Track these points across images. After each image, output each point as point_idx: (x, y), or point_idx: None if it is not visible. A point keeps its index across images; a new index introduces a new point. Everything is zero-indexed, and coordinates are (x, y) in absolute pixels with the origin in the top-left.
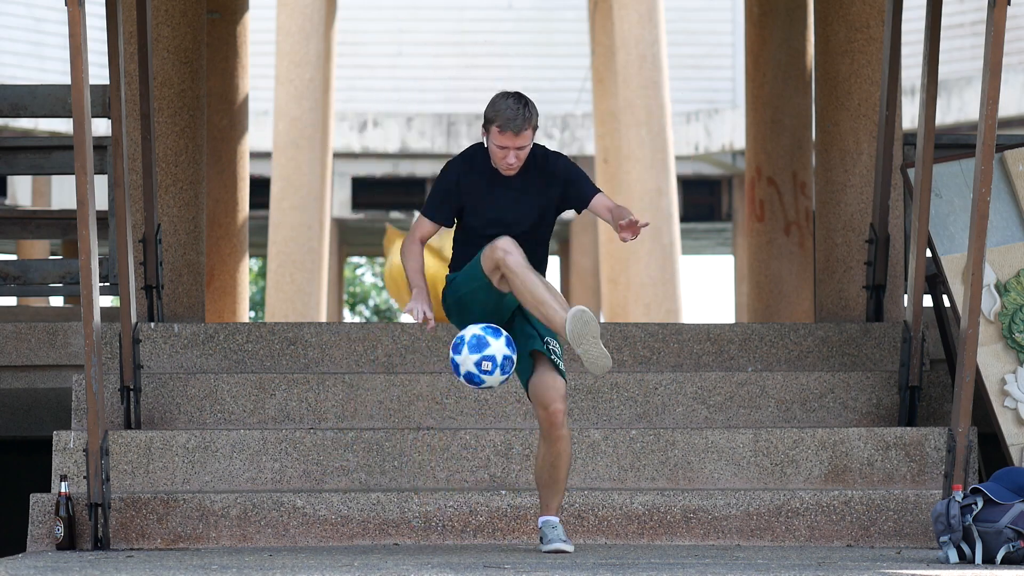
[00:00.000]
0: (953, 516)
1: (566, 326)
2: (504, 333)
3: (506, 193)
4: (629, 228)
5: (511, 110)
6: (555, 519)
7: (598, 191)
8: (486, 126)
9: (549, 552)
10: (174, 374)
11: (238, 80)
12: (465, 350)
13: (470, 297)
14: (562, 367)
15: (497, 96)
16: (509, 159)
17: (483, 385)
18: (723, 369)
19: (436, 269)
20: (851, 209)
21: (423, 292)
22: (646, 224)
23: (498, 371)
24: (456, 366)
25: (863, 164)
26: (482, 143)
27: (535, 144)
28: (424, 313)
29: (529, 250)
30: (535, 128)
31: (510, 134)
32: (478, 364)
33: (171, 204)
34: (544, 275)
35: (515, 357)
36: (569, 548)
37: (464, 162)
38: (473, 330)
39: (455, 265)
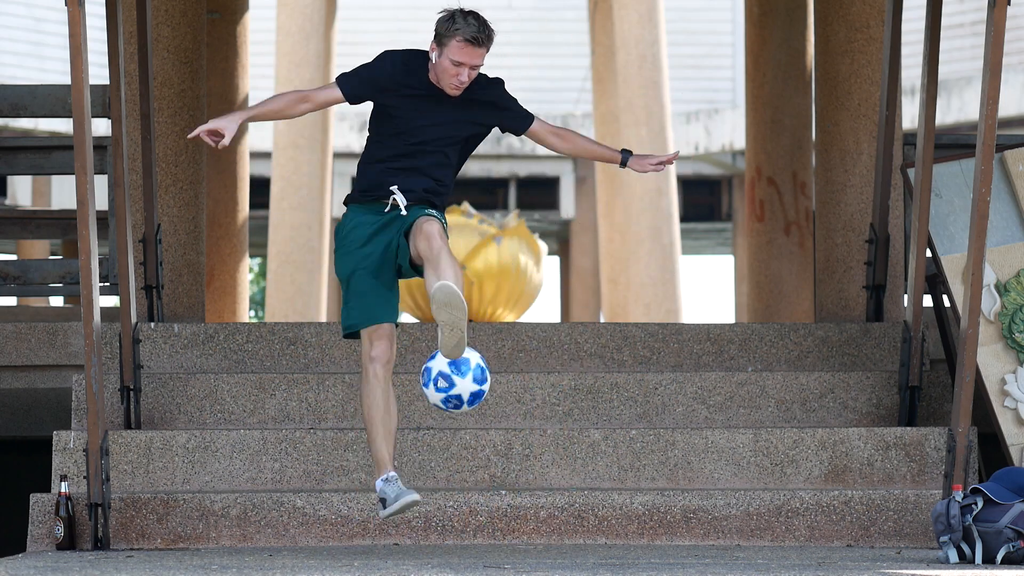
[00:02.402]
0: (953, 516)
1: (438, 286)
2: (473, 365)
3: (436, 109)
4: (662, 164)
5: (474, 25)
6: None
7: (533, 117)
8: (441, 39)
9: (401, 508)
10: (174, 374)
11: (238, 80)
12: (431, 388)
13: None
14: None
15: (453, 11)
16: (462, 76)
17: (451, 391)
18: (723, 369)
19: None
20: (851, 209)
21: (240, 117)
22: (676, 154)
23: (465, 406)
24: (427, 372)
25: (863, 164)
26: (422, 52)
27: None
28: (220, 129)
29: (439, 172)
30: (488, 50)
31: (470, 48)
32: (445, 402)
33: (171, 204)
34: (444, 202)
35: (486, 387)
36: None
37: (404, 62)
38: (439, 366)
39: (363, 181)
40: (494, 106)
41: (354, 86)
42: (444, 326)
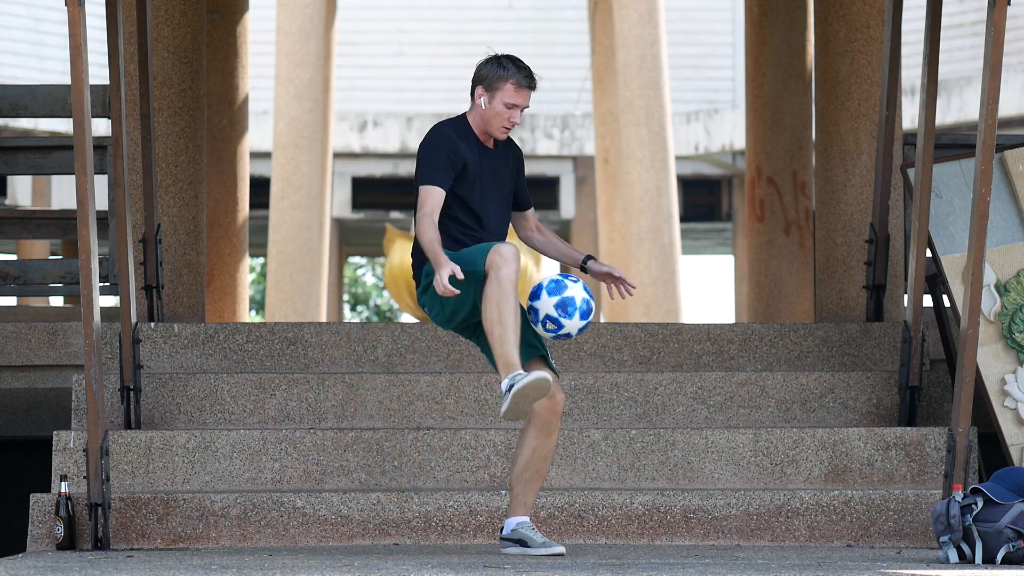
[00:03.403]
0: (953, 516)
1: (521, 379)
2: (581, 280)
3: (492, 166)
4: (618, 283)
5: (525, 69)
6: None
7: (531, 205)
8: (492, 84)
9: (546, 556)
10: (174, 374)
11: (238, 80)
12: (544, 294)
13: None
14: (554, 366)
15: (498, 57)
16: (515, 117)
17: (561, 331)
18: (723, 369)
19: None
20: (851, 209)
21: (444, 259)
22: (633, 288)
23: (577, 314)
24: (535, 312)
25: (863, 164)
26: (455, 119)
27: None
28: (453, 271)
29: (504, 227)
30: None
31: (525, 91)
32: (557, 306)
33: (171, 204)
34: None
35: (593, 303)
36: (562, 549)
37: (453, 130)
38: (550, 276)
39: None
40: (516, 159)
41: (448, 177)
42: (511, 406)
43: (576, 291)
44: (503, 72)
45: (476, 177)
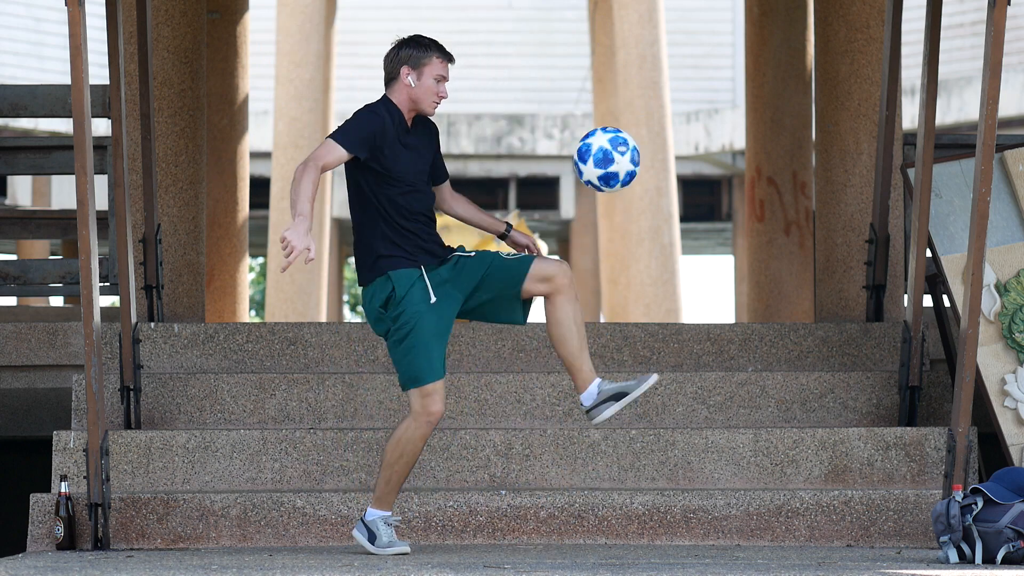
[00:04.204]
0: (953, 516)
1: (635, 386)
2: (630, 148)
3: (414, 140)
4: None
5: (440, 43)
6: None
7: (447, 178)
8: (418, 61)
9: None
10: (174, 374)
11: (238, 80)
12: (590, 163)
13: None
14: None
15: (409, 39)
16: (443, 91)
17: (606, 190)
18: (723, 369)
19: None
20: (851, 209)
21: (307, 221)
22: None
23: (619, 185)
24: (579, 172)
25: (863, 164)
26: (379, 101)
27: None
28: (308, 247)
29: (430, 203)
30: None
31: (447, 63)
32: (601, 179)
33: (171, 204)
34: None
35: (637, 171)
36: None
37: (385, 110)
38: (600, 141)
39: (393, 243)
40: (433, 135)
41: (361, 146)
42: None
43: (621, 164)
44: (425, 50)
45: (402, 161)
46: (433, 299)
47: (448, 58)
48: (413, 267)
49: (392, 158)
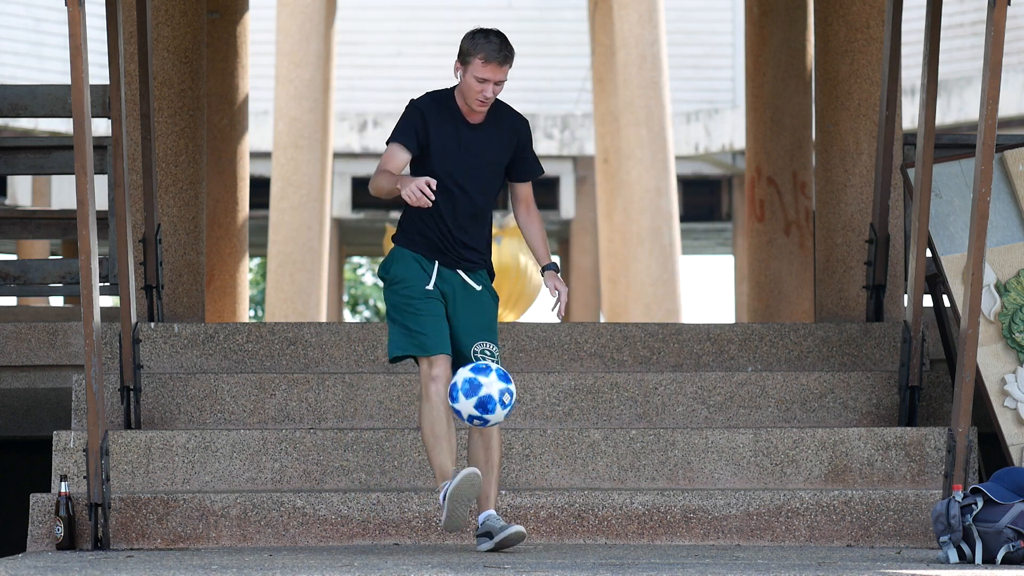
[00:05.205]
0: (953, 516)
1: (454, 480)
2: (494, 368)
3: (472, 136)
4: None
5: (495, 43)
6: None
7: (532, 178)
8: (464, 58)
9: (504, 539)
10: (174, 374)
11: (238, 80)
12: (461, 397)
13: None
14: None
15: (475, 31)
16: (487, 92)
17: (489, 423)
18: (723, 369)
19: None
20: (851, 209)
21: (407, 178)
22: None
23: (498, 407)
24: (459, 414)
25: (863, 164)
26: (441, 90)
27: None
28: (428, 185)
29: (481, 210)
30: (511, 66)
31: (494, 65)
32: (478, 407)
33: (171, 204)
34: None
35: (512, 387)
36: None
37: (430, 102)
38: (463, 374)
39: (408, 226)
40: (515, 131)
41: (412, 141)
42: (448, 513)
43: (491, 386)
44: (473, 46)
45: (445, 149)
46: (431, 285)
47: (495, 60)
48: (419, 255)
49: (433, 150)
